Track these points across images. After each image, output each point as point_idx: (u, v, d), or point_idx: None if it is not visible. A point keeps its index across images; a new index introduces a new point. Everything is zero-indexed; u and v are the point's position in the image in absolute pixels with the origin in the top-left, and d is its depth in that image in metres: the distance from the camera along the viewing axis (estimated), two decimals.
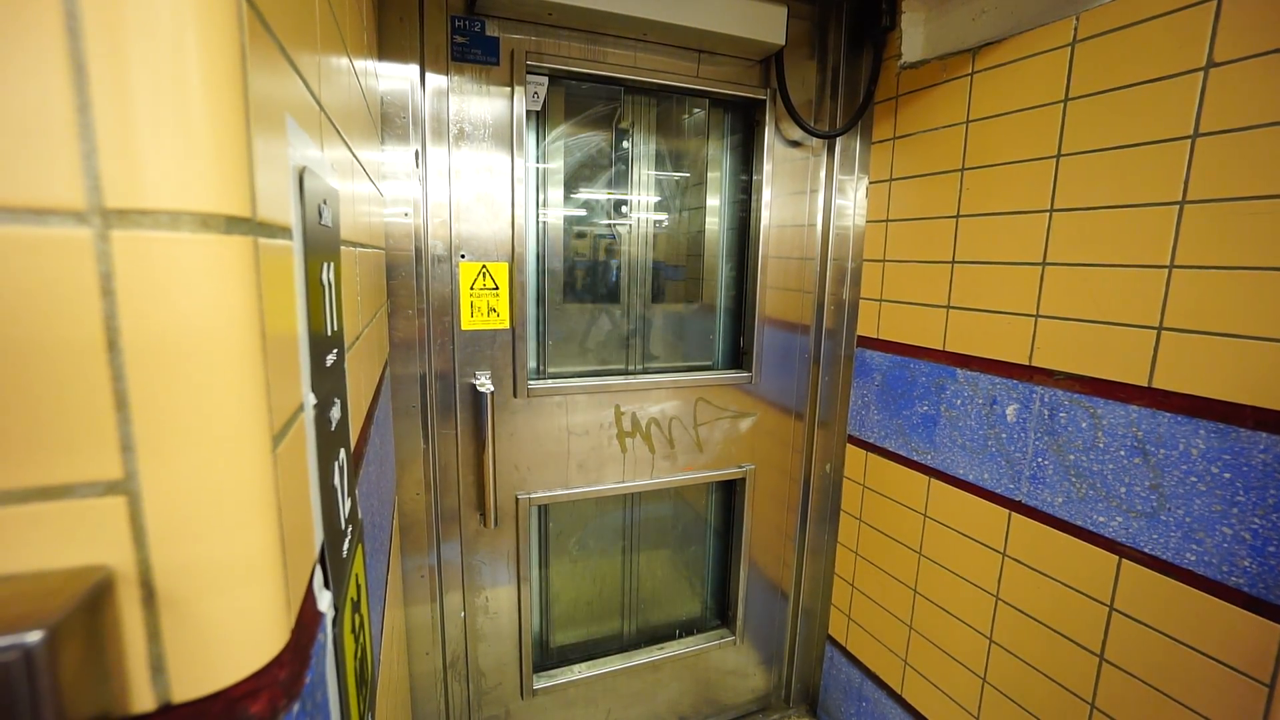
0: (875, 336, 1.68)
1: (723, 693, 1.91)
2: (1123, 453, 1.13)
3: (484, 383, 1.40)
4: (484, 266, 1.41)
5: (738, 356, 1.79)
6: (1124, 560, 1.14)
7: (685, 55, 1.54)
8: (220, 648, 0.30)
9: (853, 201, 1.73)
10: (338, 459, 0.53)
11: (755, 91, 1.62)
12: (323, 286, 0.48)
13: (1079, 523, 1.20)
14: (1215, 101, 0.98)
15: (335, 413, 0.53)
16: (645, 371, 1.68)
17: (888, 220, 1.63)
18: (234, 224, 0.29)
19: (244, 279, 0.29)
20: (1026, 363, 1.29)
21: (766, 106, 1.63)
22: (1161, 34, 1.04)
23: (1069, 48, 1.18)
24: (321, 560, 0.44)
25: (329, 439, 0.50)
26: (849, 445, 1.78)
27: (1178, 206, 1.04)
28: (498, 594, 1.54)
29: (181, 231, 0.27)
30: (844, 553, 1.83)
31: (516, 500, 1.50)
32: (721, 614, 1.94)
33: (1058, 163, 1.21)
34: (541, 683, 1.63)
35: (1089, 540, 1.19)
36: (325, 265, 0.50)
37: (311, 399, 0.44)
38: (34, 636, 0.23)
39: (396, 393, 1.36)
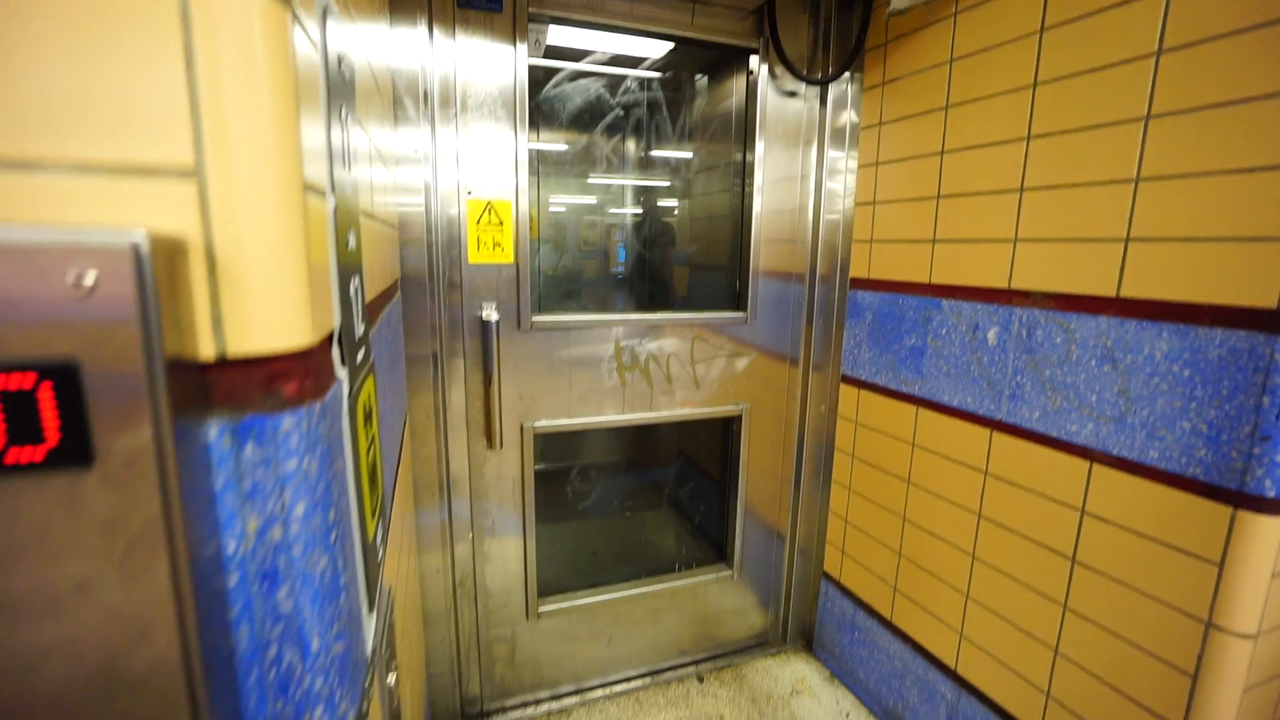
0: (866, 277, 1.74)
1: (721, 629, 1.99)
2: (1093, 363, 1.19)
3: (490, 313, 1.48)
4: (489, 204, 1.50)
5: (734, 300, 1.85)
6: (1094, 465, 1.20)
7: (679, 7, 1.61)
8: (262, 320, 0.38)
9: (845, 151, 1.79)
10: (353, 282, 0.61)
11: (748, 40, 1.68)
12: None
13: (1054, 434, 1.26)
14: (1177, 20, 1.04)
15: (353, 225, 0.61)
16: (643, 309, 1.76)
17: (877, 163, 1.69)
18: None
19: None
20: (1006, 287, 1.35)
21: (759, 56, 1.69)
22: None
23: None
24: (339, 339, 0.52)
25: (348, 259, 0.58)
26: (842, 385, 1.85)
27: (1143, 122, 1.10)
28: (504, 517, 1.63)
29: None
30: (838, 490, 1.89)
31: (521, 428, 1.59)
32: (720, 552, 2.02)
33: (1034, 92, 1.27)
34: (546, 606, 1.72)
35: (1063, 449, 1.25)
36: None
37: (332, 191, 0.52)
38: (139, 234, 0.31)
39: (408, 322, 1.45)
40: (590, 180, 1.92)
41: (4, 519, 0.31)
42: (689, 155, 2.07)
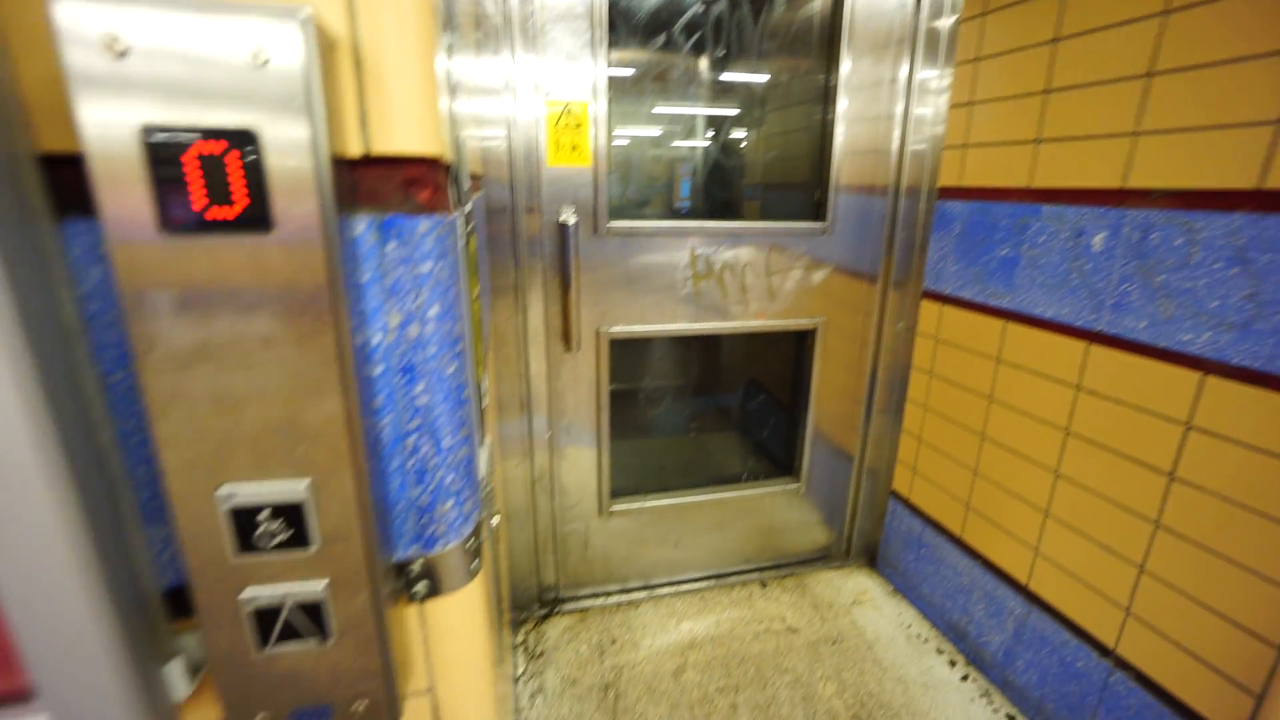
0: (957, 185, 1.64)
1: (785, 541, 2.03)
2: (1219, 265, 1.10)
3: (568, 217, 1.50)
4: (567, 105, 1.49)
5: (814, 210, 1.79)
6: (1208, 376, 1.12)
7: None
8: (400, 120, 0.40)
9: (940, 51, 1.65)
10: (461, 132, 0.63)
11: None
12: None
13: (1162, 344, 1.19)
14: None
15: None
16: (720, 217, 1.73)
17: (978, 59, 1.56)
18: None
19: None
20: (1120, 186, 1.24)
21: None
22: None
23: None
24: (453, 177, 0.55)
25: (455, 112, 0.60)
26: (924, 300, 1.78)
27: None
28: (579, 418, 1.70)
29: None
30: (913, 408, 1.86)
31: (597, 333, 1.63)
32: (788, 465, 2.04)
33: None
34: (618, 506, 1.81)
35: (1170, 360, 1.17)
36: None
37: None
38: (305, 11, 0.33)
39: (490, 227, 1.49)
40: (658, 110, 1.86)
41: (208, 269, 0.35)
42: (764, 77, 1.96)
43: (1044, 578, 1.45)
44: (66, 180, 0.38)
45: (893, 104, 1.72)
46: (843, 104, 1.67)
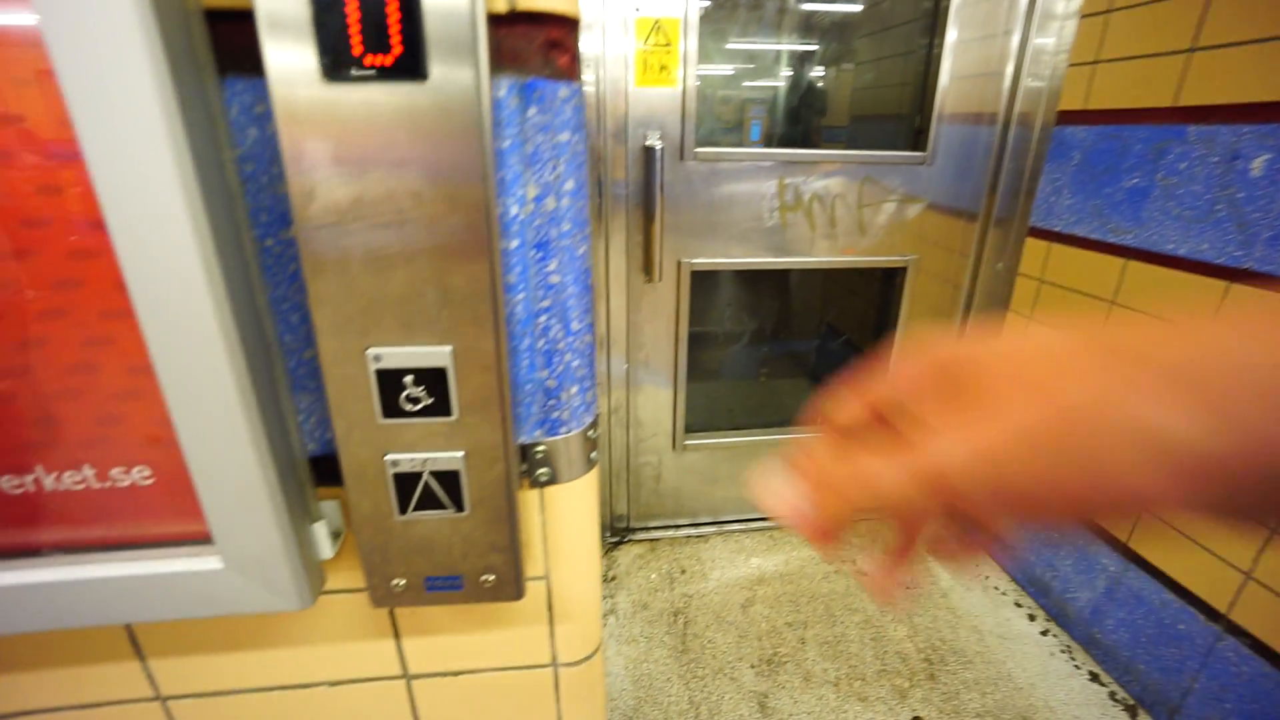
0: (1082, 108, 1.48)
1: None
2: None
3: (654, 140, 1.45)
4: (657, 22, 1.41)
5: (912, 139, 1.67)
6: None
7: None
8: None
9: None
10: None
11: None
12: None
13: None
14: None
15: None
16: (812, 145, 1.64)
17: None
18: None
19: None
20: None
21: None
22: None
23: None
24: (578, 52, 0.52)
25: None
26: (1029, 238, 1.65)
27: None
28: (657, 351, 1.69)
29: None
30: None
31: (679, 264, 1.60)
32: None
33: None
34: (692, 440, 1.81)
35: None
36: None
37: None
38: None
39: None
40: (748, 34, 1.74)
41: (364, 119, 0.34)
42: (855, 6, 1.80)
43: (1145, 536, 1.37)
44: (225, 37, 0.38)
45: (1010, 17, 1.55)
46: (953, 22, 1.52)
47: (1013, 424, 0.21)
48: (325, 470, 0.49)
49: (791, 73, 1.83)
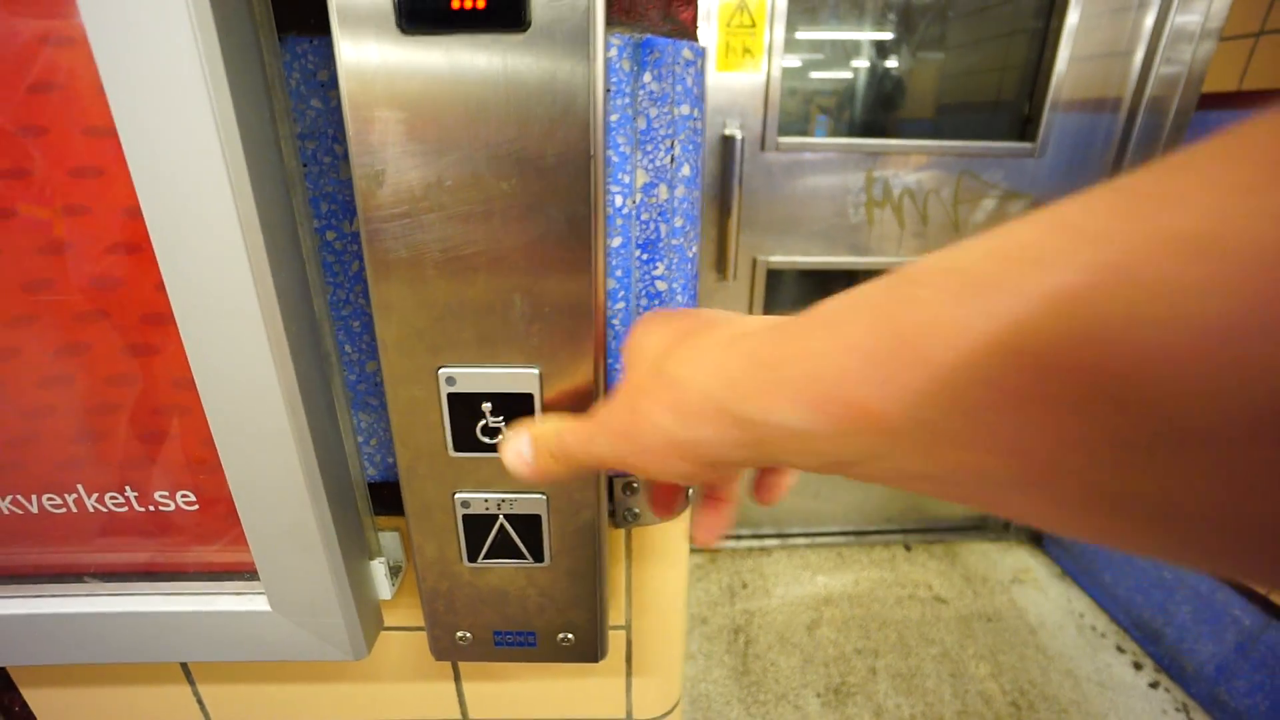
0: (1234, 90, 1.28)
1: (936, 505, 1.85)
2: None
3: (733, 130, 1.35)
4: (742, 2, 1.31)
5: (1019, 129, 1.51)
6: None
7: None
8: None
9: None
10: None
11: None
12: None
13: None
14: None
15: None
16: (906, 135, 1.50)
17: None
18: None
19: None
20: None
21: None
22: None
23: None
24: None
25: None
26: None
27: None
28: None
29: None
30: None
31: (755, 262, 1.50)
32: None
33: None
34: None
35: None
36: None
37: None
38: None
39: None
40: (837, 14, 1.60)
41: (448, 82, 0.27)
42: None
43: None
44: None
45: None
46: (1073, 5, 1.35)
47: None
48: (387, 498, 0.43)
49: (881, 58, 1.68)
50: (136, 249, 0.33)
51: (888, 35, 1.52)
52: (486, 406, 0.33)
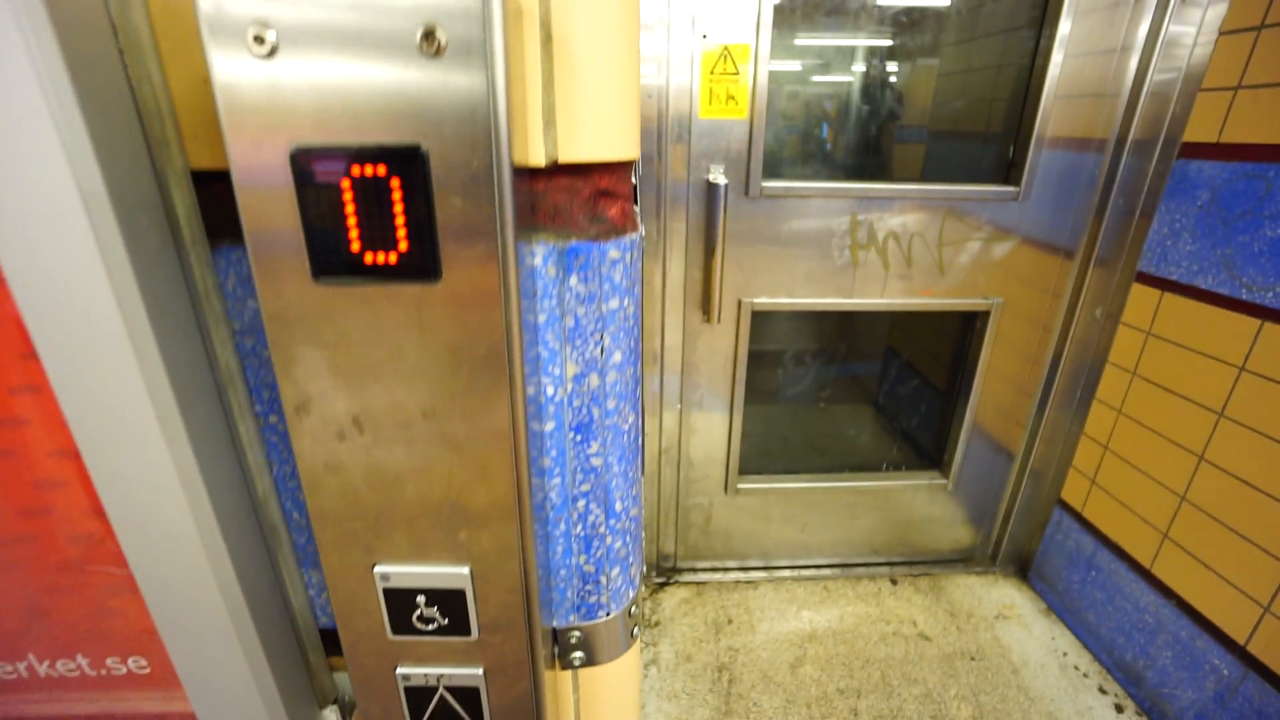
0: (1214, 141, 1.29)
1: (922, 537, 1.86)
2: None
3: (717, 176, 1.36)
4: (725, 49, 1.32)
5: (1002, 172, 1.51)
6: None
7: None
8: (593, 115, 0.30)
9: None
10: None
11: None
12: None
13: None
14: None
15: None
16: (883, 176, 1.51)
17: None
18: None
19: None
20: None
21: None
22: None
23: None
24: (634, 195, 0.44)
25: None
26: (1136, 285, 1.46)
27: None
28: (712, 392, 1.60)
29: None
30: (1101, 410, 1.57)
31: (739, 304, 1.50)
32: (935, 457, 1.84)
33: None
34: (745, 484, 1.72)
35: None
36: None
37: None
38: None
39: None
40: (820, 57, 1.60)
41: (365, 326, 0.28)
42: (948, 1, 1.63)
43: (1273, 642, 1.19)
44: (218, 199, 0.32)
45: (1132, 35, 1.37)
46: (1064, 29, 1.35)
47: None
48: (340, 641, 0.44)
49: (869, 92, 1.68)
50: (68, 454, 0.34)
51: (875, 74, 1.53)
52: (420, 599, 0.34)
